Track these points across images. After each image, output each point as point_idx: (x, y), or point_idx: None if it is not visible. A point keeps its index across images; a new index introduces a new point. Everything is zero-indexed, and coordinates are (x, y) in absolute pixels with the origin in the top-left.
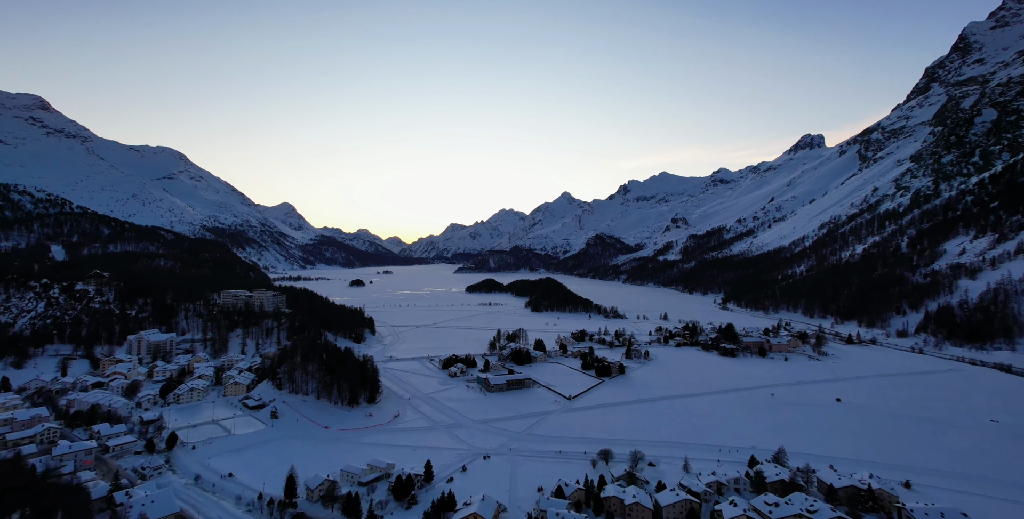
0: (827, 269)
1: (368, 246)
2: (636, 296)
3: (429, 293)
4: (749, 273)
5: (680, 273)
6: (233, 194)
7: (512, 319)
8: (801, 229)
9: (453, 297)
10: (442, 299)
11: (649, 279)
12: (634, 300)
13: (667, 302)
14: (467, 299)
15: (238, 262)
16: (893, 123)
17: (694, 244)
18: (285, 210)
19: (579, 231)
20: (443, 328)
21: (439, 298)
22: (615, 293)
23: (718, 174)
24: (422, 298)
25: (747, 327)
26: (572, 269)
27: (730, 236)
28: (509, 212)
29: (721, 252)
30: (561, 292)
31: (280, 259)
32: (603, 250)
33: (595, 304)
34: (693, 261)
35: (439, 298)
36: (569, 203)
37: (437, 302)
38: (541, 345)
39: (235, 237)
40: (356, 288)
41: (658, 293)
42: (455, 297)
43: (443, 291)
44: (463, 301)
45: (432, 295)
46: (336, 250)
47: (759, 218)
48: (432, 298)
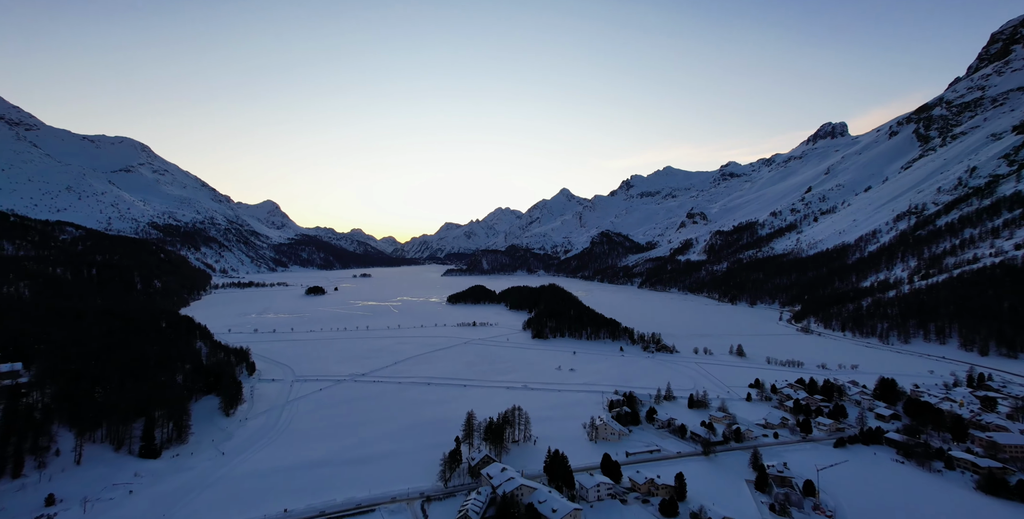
0: (967, 279)
1: (357, 246)
2: (666, 308)
3: (400, 304)
4: (808, 278)
5: (710, 276)
6: (202, 189)
7: (503, 356)
8: (866, 222)
9: (428, 311)
10: (412, 314)
11: (671, 283)
12: (668, 315)
13: (715, 318)
14: (445, 314)
15: (180, 264)
16: (962, 96)
17: (721, 241)
18: (268, 208)
19: (580, 229)
20: (380, 384)
21: (409, 313)
22: (636, 303)
23: (727, 168)
24: (384, 314)
25: (894, 374)
26: (576, 271)
27: (766, 232)
28: (505, 211)
29: (759, 251)
30: (571, 305)
31: (246, 260)
32: (610, 249)
33: (624, 327)
34: (724, 262)
35: (409, 313)
36: (568, 200)
37: (400, 322)
38: (562, 464)
39: (191, 236)
40: (309, 298)
41: (691, 303)
42: (431, 311)
43: (419, 301)
44: (439, 318)
45: (403, 307)
46: (315, 251)
47: (799, 210)
48: (400, 313)
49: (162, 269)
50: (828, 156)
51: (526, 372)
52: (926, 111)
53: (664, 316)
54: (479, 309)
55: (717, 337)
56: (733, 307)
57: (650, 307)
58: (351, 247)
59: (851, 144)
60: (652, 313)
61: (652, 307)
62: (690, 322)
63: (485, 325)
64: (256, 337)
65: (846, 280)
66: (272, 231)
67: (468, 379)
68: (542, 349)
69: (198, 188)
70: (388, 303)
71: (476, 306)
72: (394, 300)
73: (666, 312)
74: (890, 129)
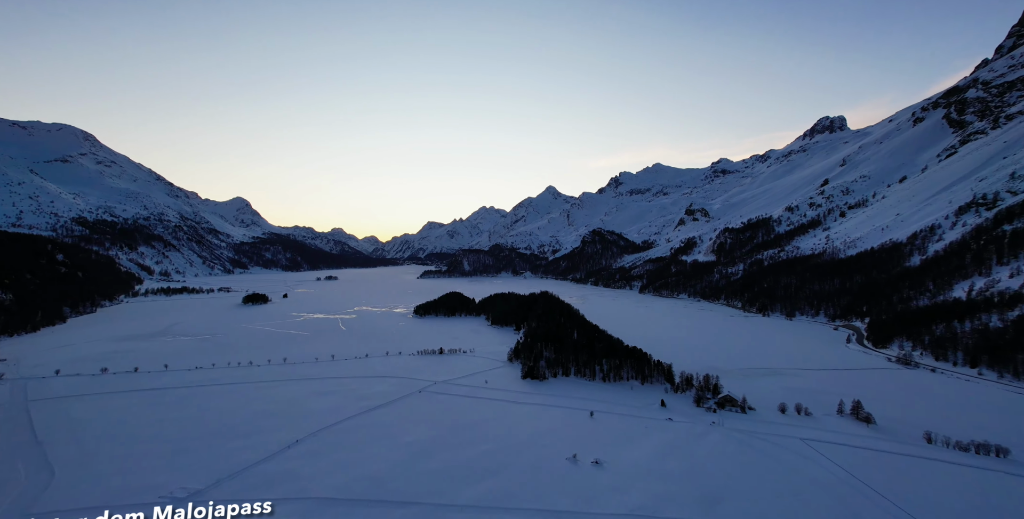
0: None
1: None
2: (685, 322)
3: (354, 317)
4: (857, 283)
5: (725, 280)
6: (156, 183)
7: (476, 425)
8: (914, 216)
9: (386, 328)
10: (363, 334)
11: (678, 288)
12: (694, 333)
13: (755, 338)
14: (407, 334)
15: (98, 267)
16: (1002, 75)
17: (731, 240)
18: (237, 206)
19: (568, 227)
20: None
21: (360, 331)
22: (644, 314)
23: (719, 164)
24: (326, 334)
25: None
26: (566, 272)
27: (785, 229)
28: (490, 210)
29: (781, 251)
30: (571, 322)
31: (196, 262)
32: (603, 249)
33: (655, 360)
34: (739, 264)
35: (360, 331)
36: (555, 198)
37: (340, 348)
38: None
39: (129, 233)
40: (243, 310)
41: (711, 314)
42: (389, 328)
43: (381, 312)
44: (396, 340)
45: (355, 323)
46: (281, 250)
47: (819, 204)
48: (346, 333)
49: (44, 274)
50: (837, 148)
51: (515, 472)
52: (956, 94)
53: (688, 334)
54: (452, 324)
55: (782, 373)
56: (766, 320)
57: (665, 320)
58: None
59: (861, 136)
60: (672, 329)
61: (667, 320)
62: (727, 344)
63: (456, 353)
64: (84, 386)
65: (919, 287)
66: (237, 229)
67: (403, 499)
68: (540, 404)
69: (151, 182)
70: (340, 316)
71: (449, 320)
72: (349, 311)
73: (688, 328)
74: (913, 116)
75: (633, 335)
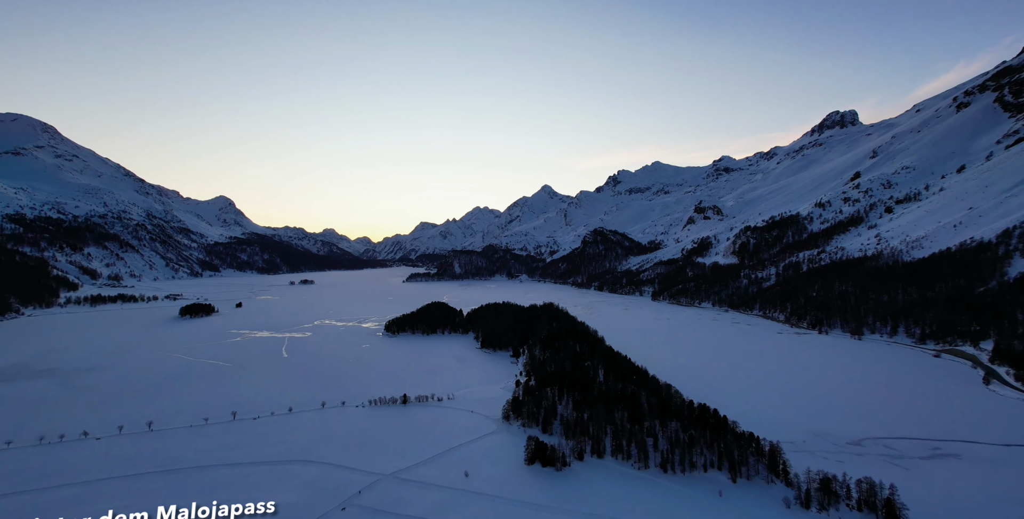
0: None
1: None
2: (730, 343)
3: (308, 336)
4: (944, 292)
5: (755, 286)
6: (123, 179)
7: None
8: (996, 211)
9: (342, 355)
10: (306, 366)
11: (698, 295)
12: (756, 365)
13: (837, 372)
14: (366, 365)
15: (33, 271)
16: None
17: (755, 240)
18: (220, 205)
19: (566, 227)
20: None
21: (304, 360)
22: (669, 331)
23: (721, 162)
24: (258, 364)
25: None
26: (566, 275)
27: (819, 227)
28: (484, 210)
29: (821, 252)
30: (595, 353)
31: (158, 263)
32: (606, 250)
33: (748, 434)
34: (770, 267)
35: (304, 360)
36: (551, 197)
37: (262, 392)
38: None
39: (77, 232)
40: (176, 325)
41: (753, 331)
42: (346, 355)
43: (346, 327)
44: (349, 379)
45: (305, 345)
46: (259, 252)
47: (856, 199)
48: (284, 364)
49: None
50: (859, 141)
51: None
52: (1009, 75)
53: (745, 365)
54: (431, 346)
55: (946, 451)
56: (827, 340)
57: (700, 340)
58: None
59: (886, 127)
60: (719, 356)
61: (703, 340)
62: (812, 385)
63: (427, 403)
64: None
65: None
66: (215, 229)
67: None
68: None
69: (118, 178)
70: (290, 334)
71: (428, 340)
72: (305, 327)
73: (738, 353)
74: (955, 102)
75: (669, 364)
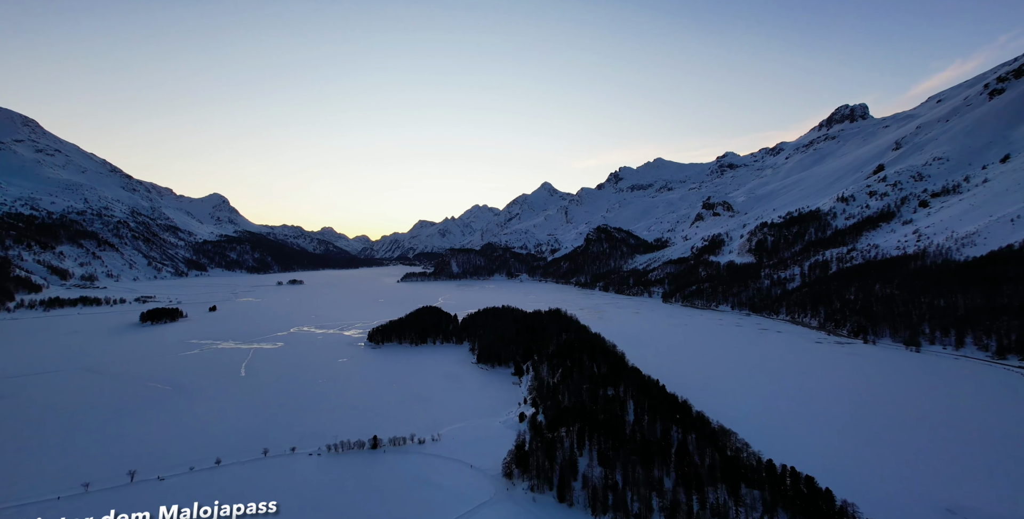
0: None
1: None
2: (769, 357)
3: (279, 347)
4: (1011, 298)
5: (778, 287)
6: (109, 175)
7: None
8: None
9: (311, 374)
10: (263, 390)
11: (714, 297)
12: (814, 390)
13: (913, 402)
14: (340, 387)
15: None
16: None
17: (773, 237)
18: (214, 202)
19: (567, 225)
20: None
21: (264, 381)
22: (691, 339)
23: (725, 159)
24: (209, 387)
25: None
26: (568, 275)
27: (844, 223)
28: (483, 208)
29: (852, 250)
30: (618, 376)
31: (140, 263)
32: (611, 248)
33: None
34: (793, 266)
35: (264, 381)
36: (551, 195)
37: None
38: None
39: (50, 230)
40: (130, 333)
41: (791, 342)
42: (316, 374)
43: (325, 335)
44: (312, 407)
45: (275, 358)
46: (249, 250)
47: (884, 193)
48: (242, 384)
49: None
50: (876, 133)
51: None
52: None
53: (791, 389)
54: (419, 360)
55: None
56: (877, 351)
57: (732, 352)
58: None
59: (904, 118)
60: (763, 377)
61: (736, 352)
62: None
63: (403, 448)
64: None
65: None
66: (205, 227)
67: None
68: None
69: (103, 174)
70: (259, 344)
71: (416, 352)
72: (278, 336)
73: (781, 372)
74: (987, 89)
75: (703, 386)
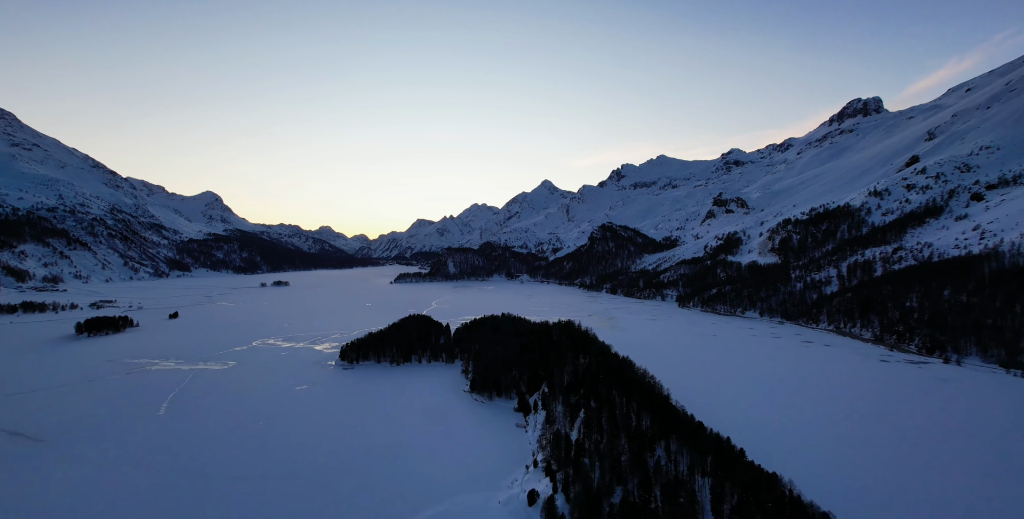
0: None
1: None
2: (839, 384)
3: (232, 367)
4: None
5: (814, 292)
6: (90, 171)
7: None
8: None
9: (257, 409)
10: (184, 439)
11: (737, 302)
12: (928, 451)
13: None
14: (291, 428)
15: None
16: None
17: (799, 235)
18: (206, 200)
19: (568, 224)
20: None
21: (187, 425)
22: (725, 356)
23: (730, 155)
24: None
25: None
26: (572, 276)
27: (882, 219)
28: (482, 207)
29: (899, 250)
30: (668, 422)
31: (115, 263)
32: (617, 247)
33: None
34: (827, 267)
35: (187, 425)
36: (551, 193)
37: None
38: None
39: (14, 227)
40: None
41: (849, 359)
42: (265, 409)
43: (291, 349)
44: (236, 478)
45: (221, 382)
46: (238, 249)
47: (926, 186)
48: (158, 428)
49: None
50: (899, 125)
51: None
52: None
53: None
54: (398, 387)
55: None
56: (972, 375)
57: (788, 379)
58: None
59: (932, 109)
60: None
61: (792, 378)
62: None
63: None
64: None
65: None
66: (194, 225)
67: None
68: None
69: (85, 169)
70: (208, 364)
71: (396, 374)
72: (236, 351)
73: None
74: None
75: (762, 426)
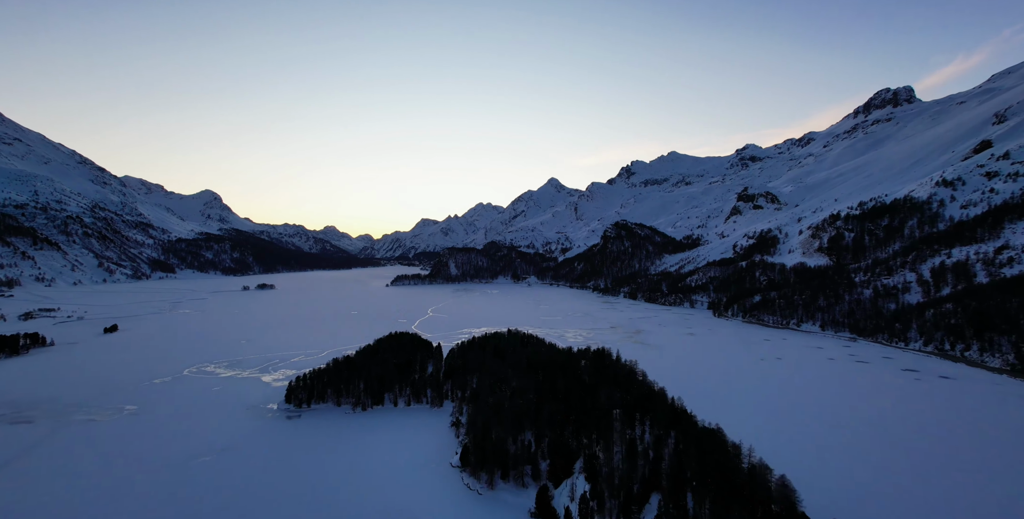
0: None
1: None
2: (993, 445)
3: (136, 407)
4: None
5: (890, 302)
6: (76, 167)
7: None
8: None
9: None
10: None
11: (790, 312)
12: None
13: None
14: None
15: None
16: None
17: (853, 232)
18: (205, 199)
19: (577, 222)
20: None
21: None
22: (801, 392)
23: (745, 151)
24: None
25: None
26: (583, 278)
27: (962, 213)
28: (487, 206)
29: (1004, 249)
30: None
31: (89, 264)
32: (633, 247)
33: None
34: (903, 271)
35: None
36: (558, 191)
37: None
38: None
39: None
40: None
41: (990, 401)
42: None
43: (232, 381)
44: None
45: (109, 439)
46: (229, 249)
47: (1016, 174)
48: None
49: None
50: (948, 111)
51: None
52: None
53: None
54: (357, 452)
55: None
56: None
57: (931, 444)
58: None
59: (985, 93)
60: None
61: (930, 439)
62: None
63: None
64: None
65: None
66: (187, 225)
67: None
68: None
69: (70, 165)
70: (96, 415)
71: (360, 426)
72: (156, 385)
73: None
74: None
75: None
